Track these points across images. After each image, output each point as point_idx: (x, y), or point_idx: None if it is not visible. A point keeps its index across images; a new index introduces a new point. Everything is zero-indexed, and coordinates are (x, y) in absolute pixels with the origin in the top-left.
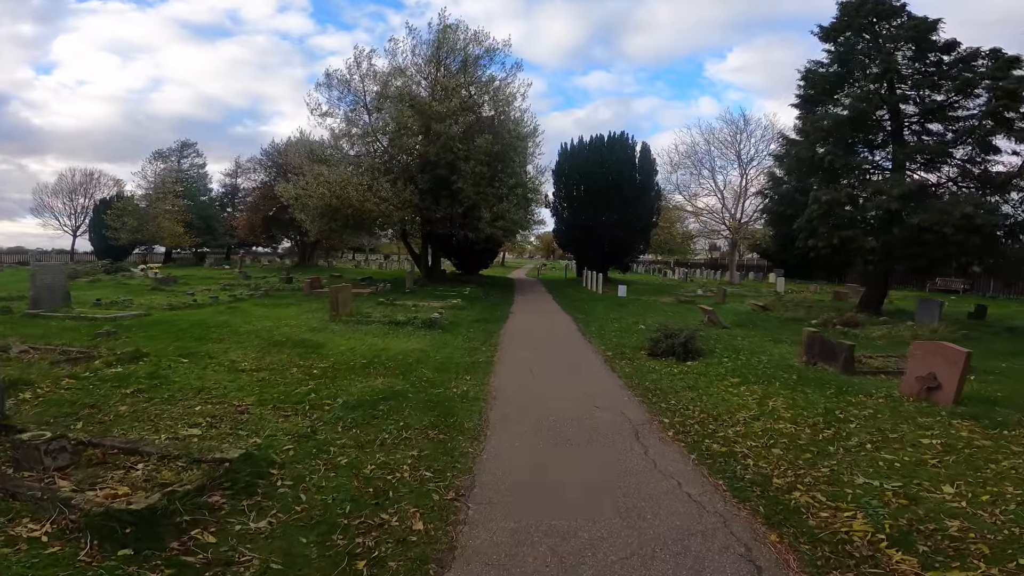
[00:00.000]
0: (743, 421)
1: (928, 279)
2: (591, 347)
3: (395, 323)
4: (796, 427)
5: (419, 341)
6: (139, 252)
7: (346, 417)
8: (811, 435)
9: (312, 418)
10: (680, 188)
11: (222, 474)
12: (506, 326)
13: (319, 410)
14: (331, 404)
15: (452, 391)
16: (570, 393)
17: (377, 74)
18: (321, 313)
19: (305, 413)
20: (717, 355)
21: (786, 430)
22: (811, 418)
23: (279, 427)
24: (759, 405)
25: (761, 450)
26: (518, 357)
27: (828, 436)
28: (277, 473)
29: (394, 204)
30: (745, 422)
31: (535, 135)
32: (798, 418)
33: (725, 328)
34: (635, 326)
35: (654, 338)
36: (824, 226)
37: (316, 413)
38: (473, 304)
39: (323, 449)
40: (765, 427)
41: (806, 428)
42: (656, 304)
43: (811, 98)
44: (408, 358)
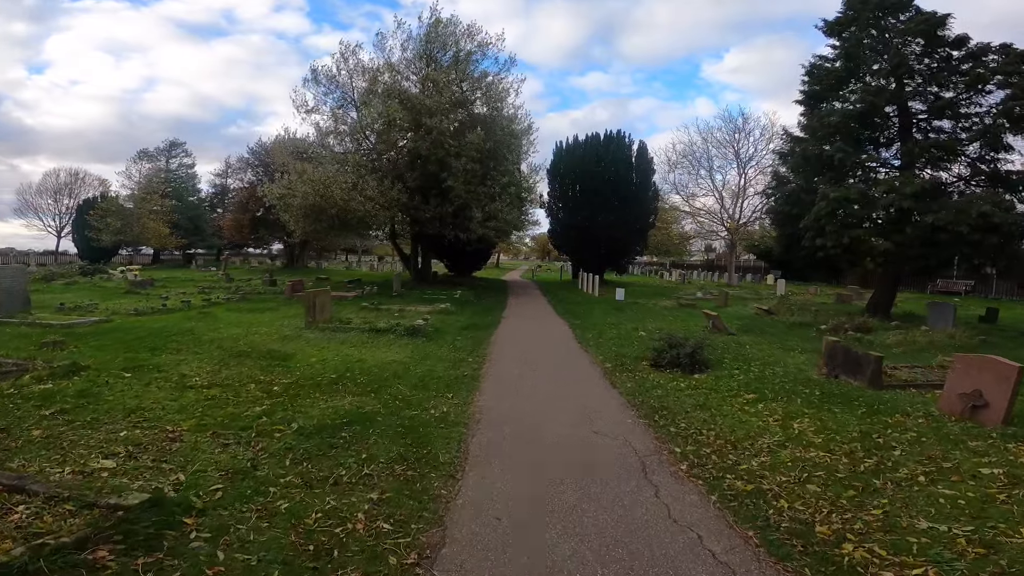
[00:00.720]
0: (767, 448)
1: (929, 281)
2: (588, 357)
3: (375, 331)
4: (830, 455)
5: (399, 351)
6: (125, 254)
7: (298, 447)
8: (850, 465)
9: (256, 448)
10: (678, 188)
11: (114, 523)
12: (497, 333)
13: (267, 438)
14: (283, 430)
15: (430, 413)
16: (565, 415)
17: (365, 69)
18: (298, 319)
19: (249, 442)
20: (727, 366)
21: (819, 460)
22: (846, 444)
23: (213, 460)
24: (783, 428)
25: (794, 487)
26: (507, 370)
27: (870, 467)
28: (193, 522)
29: (380, 203)
30: (770, 449)
31: (529, 132)
32: (831, 444)
33: (731, 335)
34: (635, 333)
35: (658, 347)
36: (832, 225)
37: (263, 442)
38: (463, 308)
39: (261, 490)
40: (794, 456)
41: (842, 457)
42: (655, 308)
43: (816, 94)
44: (384, 372)
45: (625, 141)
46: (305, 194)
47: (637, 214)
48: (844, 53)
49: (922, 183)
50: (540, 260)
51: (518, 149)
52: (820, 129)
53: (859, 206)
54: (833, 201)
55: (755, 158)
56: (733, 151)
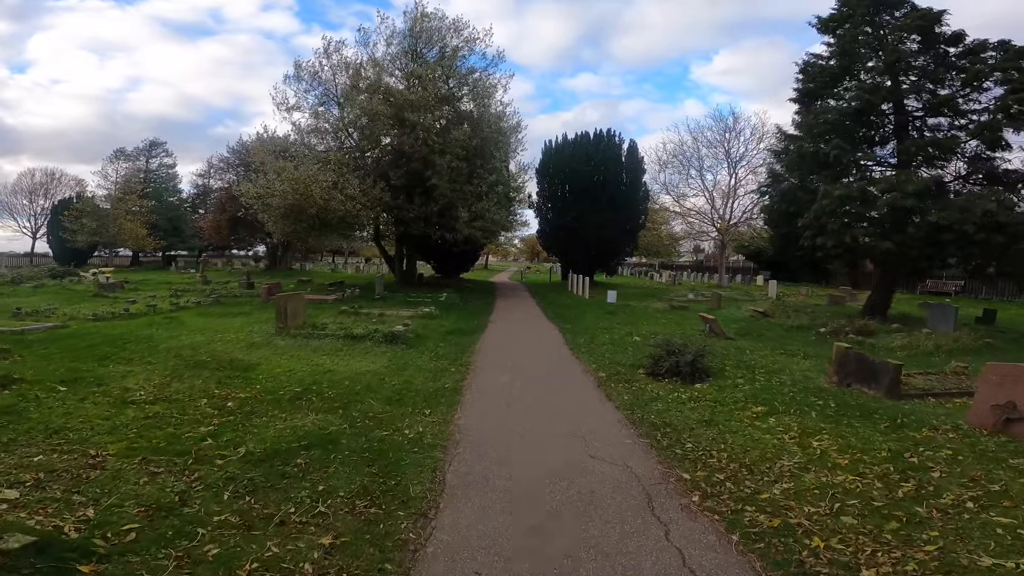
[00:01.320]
0: (788, 472)
1: (919, 281)
2: (580, 366)
3: (351, 337)
4: (862, 480)
5: (375, 360)
6: (101, 255)
7: (242, 477)
8: (886, 491)
9: (191, 478)
10: (668, 188)
11: None
12: (483, 339)
13: (207, 465)
14: (228, 455)
15: (403, 434)
16: (557, 434)
17: (349, 65)
18: (270, 325)
19: (184, 470)
20: (729, 375)
21: (850, 485)
22: (876, 465)
23: (134, 491)
24: (801, 446)
25: (827, 519)
26: (493, 381)
27: (909, 492)
28: (90, 571)
29: (362, 203)
30: (791, 473)
31: (518, 130)
32: (859, 465)
33: (729, 339)
34: (628, 338)
35: (655, 355)
36: (834, 224)
37: (201, 470)
38: (448, 312)
39: (186, 531)
40: (820, 481)
41: (875, 481)
42: (648, 311)
43: (811, 92)
44: (355, 385)
45: (615, 140)
46: (284, 193)
47: (627, 214)
48: (839, 50)
49: (925, 181)
50: (529, 261)
51: (506, 147)
52: (816, 126)
53: (861, 205)
54: (836, 199)
55: (746, 158)
56: (724, 151)
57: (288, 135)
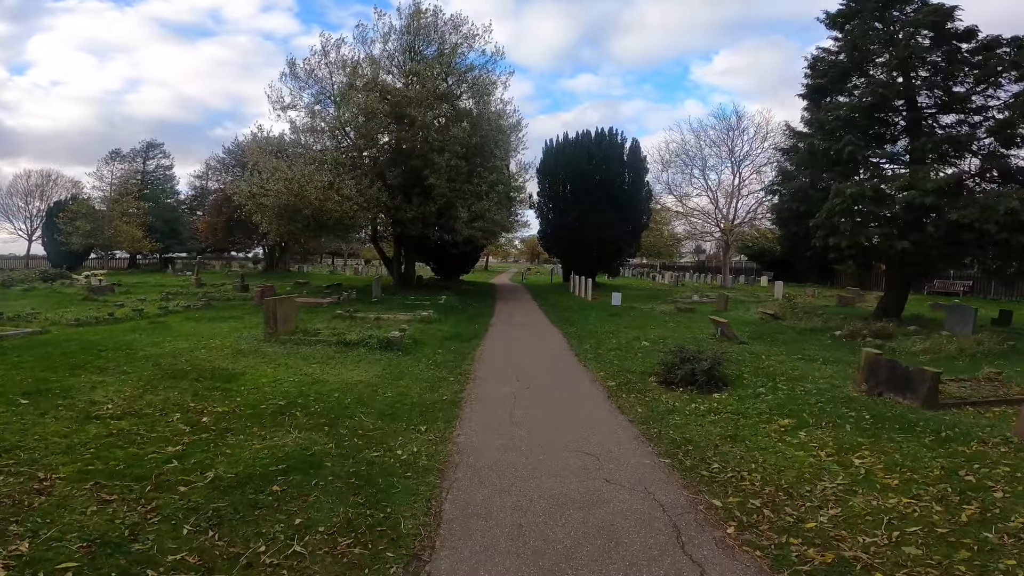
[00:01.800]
0: (833, 496)
1: (926, 281)
2: (588, 374)
3: (344, 344)
4: (918, 503)
5: (368, 369)
6: (98, 258)
7: (207, 507)
8: (947, 516)
9: (148, 508)
10: (672, 187)
11: None
12: (483, 345)
13: (168, 492)
14: (195, 481)
15: (395, 455)
16: (567, 454)
17: (346, 63)
18: (260, 330)
19: (141, 497)
20: (748, 383)
21: (906, 509)
22: (930, 485)
23: (82, 522)
24: (841, 465)
25: (887, 551)
26: (495, 392)
27: (973, 515)
28: None
29: (358, 203)
30: (836, 497)
31: (518, 129)
32: (911, 486)
33: (743, 343)
34: (636, 343)
35: (668, 362)
36: (847, 223)
37: (160, 498)
38: (447, 316)
39: (132, 573)
40: (870, 505)
41: (933, 504)
42: (654, 313)
43: (820, 88)
44: (346, 397)
45: (617, 139)
46: (278, 193)
47: (630, 214)
48: (849, 45)
49: (945, 178)
50: (530, 263)
51: (506, 145)
52: (828, 123)
53: (876, 204)
54: (850, 198)
55: (750, 156)
56: (727, 149)
57: (283, 134)
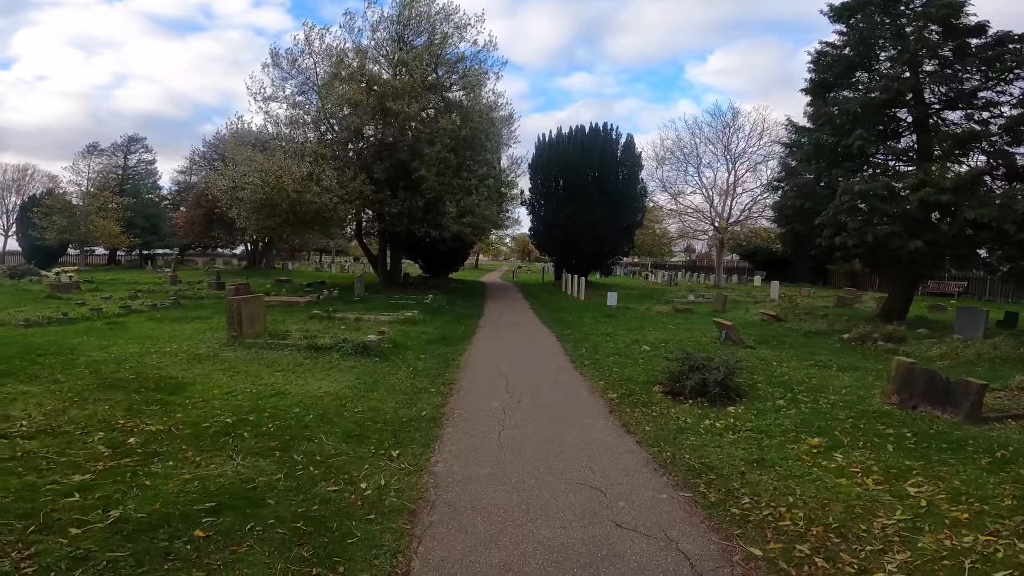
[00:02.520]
0: (896, 536)
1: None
2: (586, 383)
3: (315, 348)
4: (998, 539)
5: (339, 379)
6: (74, 253)
7: (100, 557)
8: None
9: (24, 554)
10: (666, 185)
11: None
12: (471, 349)
13: (57, 535)
14: (92, 522)
15: (358, 489)
16: (566, 488)
17: (332, 52)
18: (225, 332)
19: (19, 541)
20: (765, 394)
21: (988, 550)
22: (1004, 518)
23: None
24: (895, 495)
25: None
26: (481, 406)
27: None
28: None
29: (339, 196)
30: (900, 538)
31: (511, 122)
32: (984, 519)
33: (749, 348)
34: (636, 347)
35: (674, 370)
36: (855, 221)
37: (44, 542)
38: (433, 317)
39: None
40: (945, 546)
41: (1015, 540)
42: (650, 314)
43: (824, 82)
44: (307, 413)
45: (612, 135)
46: (254, 186)
47: (624, 212)
48: (855, 39)
49: (965, 175)
50: (520, 261)
51: (497, 138)
52: (837, 117)
53: (885, 201)
54: (858, 195)
55: (746, 154)
56: (723, 146)
57: (264, 126)
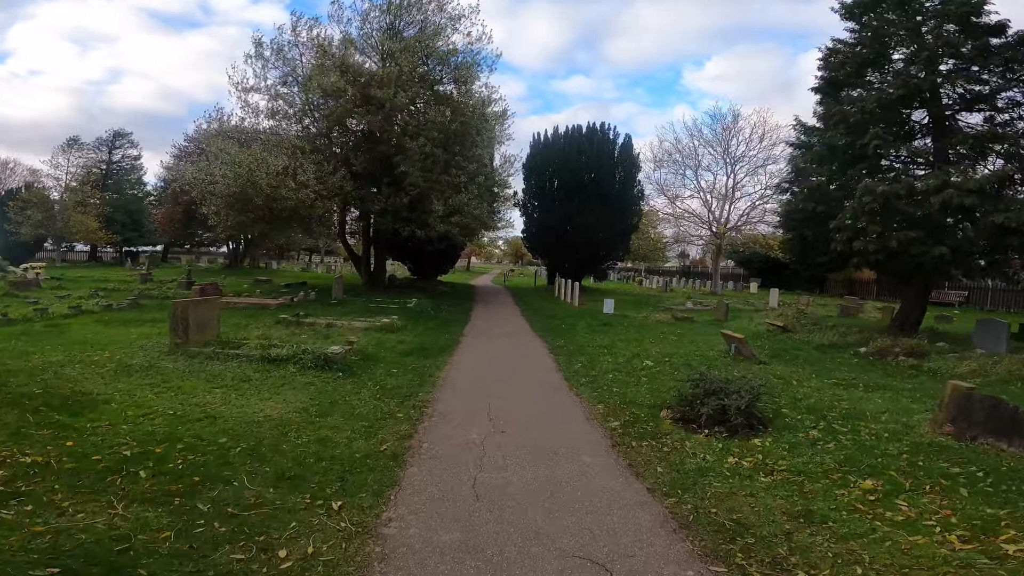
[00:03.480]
0: None
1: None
2: (582, 407)
3: (270, 360)
4: None
5: (290, 399)
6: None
7: None
8: None
9: None
10: (664, 188)
11: None
12: (452, 361)
13: None
14: None
15: (273, 559)
16: (562, 565)
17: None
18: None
19: None
20: (792, 422)
21: None
22: None
23: None
24: (990, 555)
25: None
26: (457, 439)
27: None
28: None
29: (315, 191)
30: None
31: (504, 119)
32: None
33: (762, 364)
34: (637, 361)
35: (687, 394)
36: (876, 225)
37: None
38: (415, 323)
39: None
40: None
41: None
42: (649, 323)
43: (836, 81)
44: (236, 443)
45: (609, 135)
46: (226, 179)
47: (620, 215)
48: (869, 36)
49: (991, 176)
50: (513, 264)
51: (489, 135)
52: (852, 115)
53: (910, 204)
54: (880, 196)
55: (746, 158)
56: (722, 149)
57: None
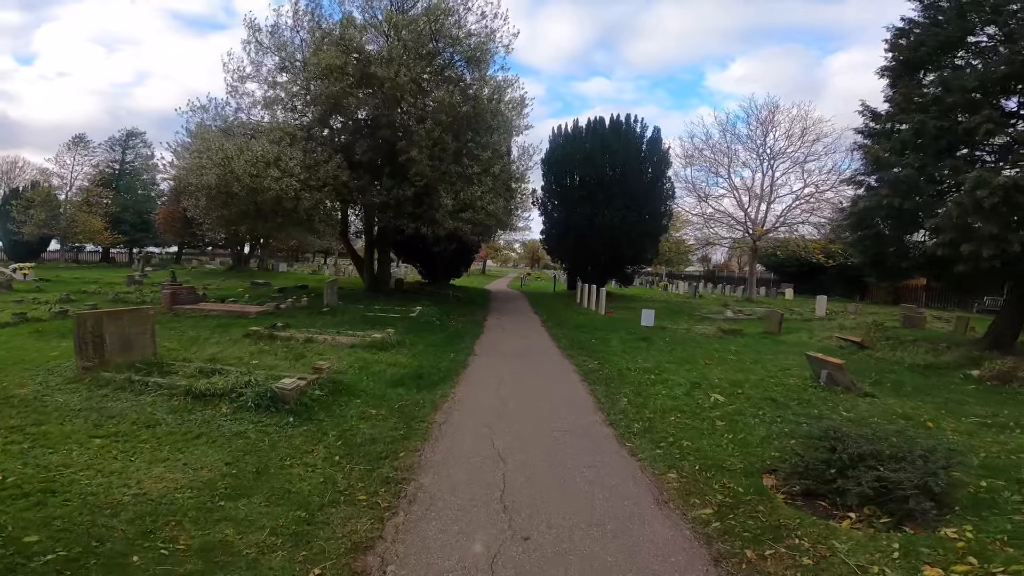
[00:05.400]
0: None
1: (975, 298)
2: (645, 477)
3: (196, 396)
4: None
5: (198, 459)
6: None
7: None
8: None
9: None
10: (695, 186)
11: None
12: (454, 396)
13: None
14: None
15: None
16: None
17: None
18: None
19: None
20: (984, 495)
21: None
22: None
23: None
24: None
25: None
26: (450, 550)
27: None
28: None
29: (300, 180)
30: None
31: (522, 107)
32: None
33: (868, 396)
34: (700, 394)
35: (814, 459)
36: (991, 224)
37: None
38: (416, 337)
39: None
40: None
41: None
42: (692, 336)
43: (912, 62)
44: (57, 545)
45: (635, 129)
46: (202, 169)
47: (648, 214)
48: (953, 12)
49: None
50: (529, 268)
51: (506, 123)
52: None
53: None
54: (999, 190)
55: (785, 154)
56: (757, 145)
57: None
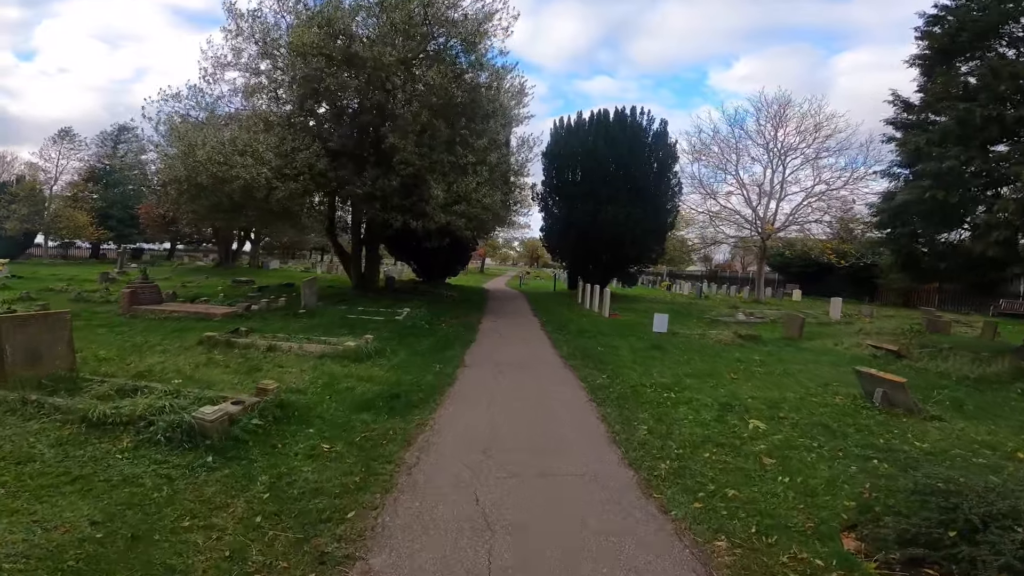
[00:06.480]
0: None
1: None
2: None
3: (92, 424)
4: None
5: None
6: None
7: None
8: None
9: None
10: (703, 183)
11: None
12: (433, 425)
13: None
14: None
15: None
16: None
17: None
18: None
19: None
20: None
21: None
22: None
23: None
24: None
25: None
26: None
27: None
28: None
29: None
30: None
31: (522, 95)
32: None
33: (936, 419)
34: (736, 420)
35: (922, 520)
36: None
37: None
38: (398, 344)
39: None
40: None
41: None
42: (708, 343)
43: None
44: None
45: (640, 122)
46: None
47: (654, 211)
48: None
49: None
50: (528, 267)
51: (504, 111)
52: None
53: None
54: None
55: (796, 150)
56: (766, 140)
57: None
